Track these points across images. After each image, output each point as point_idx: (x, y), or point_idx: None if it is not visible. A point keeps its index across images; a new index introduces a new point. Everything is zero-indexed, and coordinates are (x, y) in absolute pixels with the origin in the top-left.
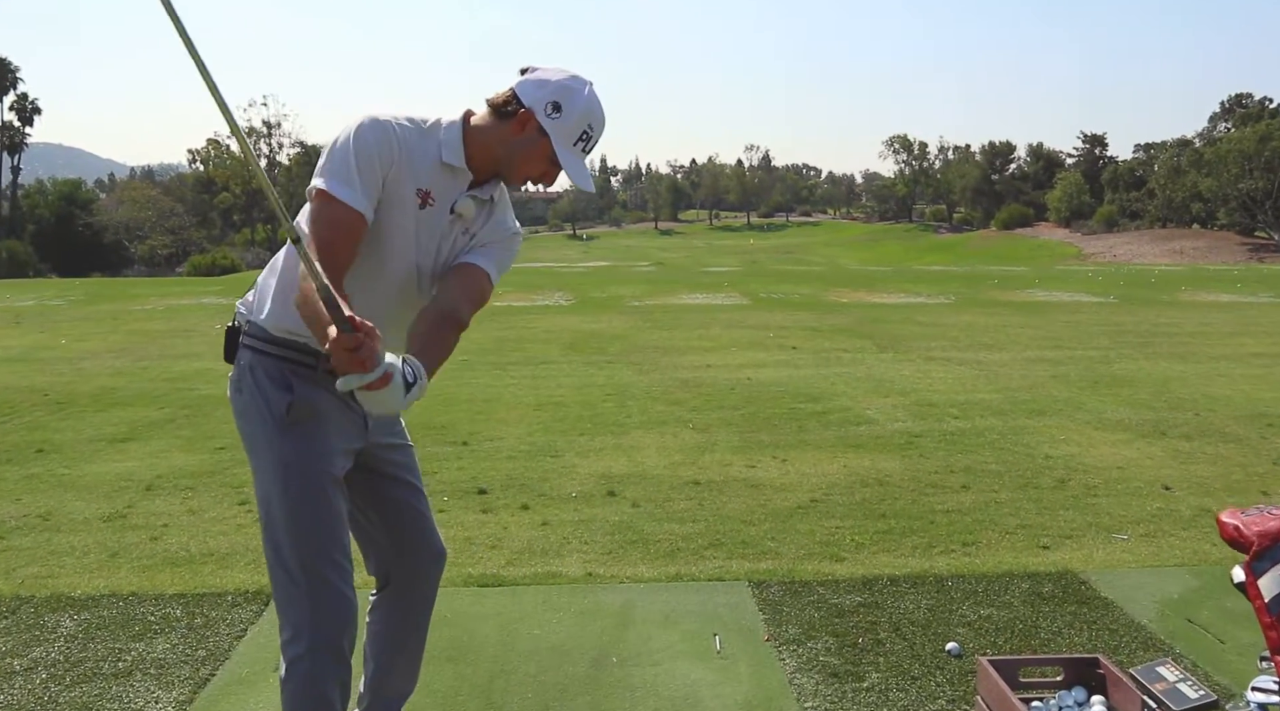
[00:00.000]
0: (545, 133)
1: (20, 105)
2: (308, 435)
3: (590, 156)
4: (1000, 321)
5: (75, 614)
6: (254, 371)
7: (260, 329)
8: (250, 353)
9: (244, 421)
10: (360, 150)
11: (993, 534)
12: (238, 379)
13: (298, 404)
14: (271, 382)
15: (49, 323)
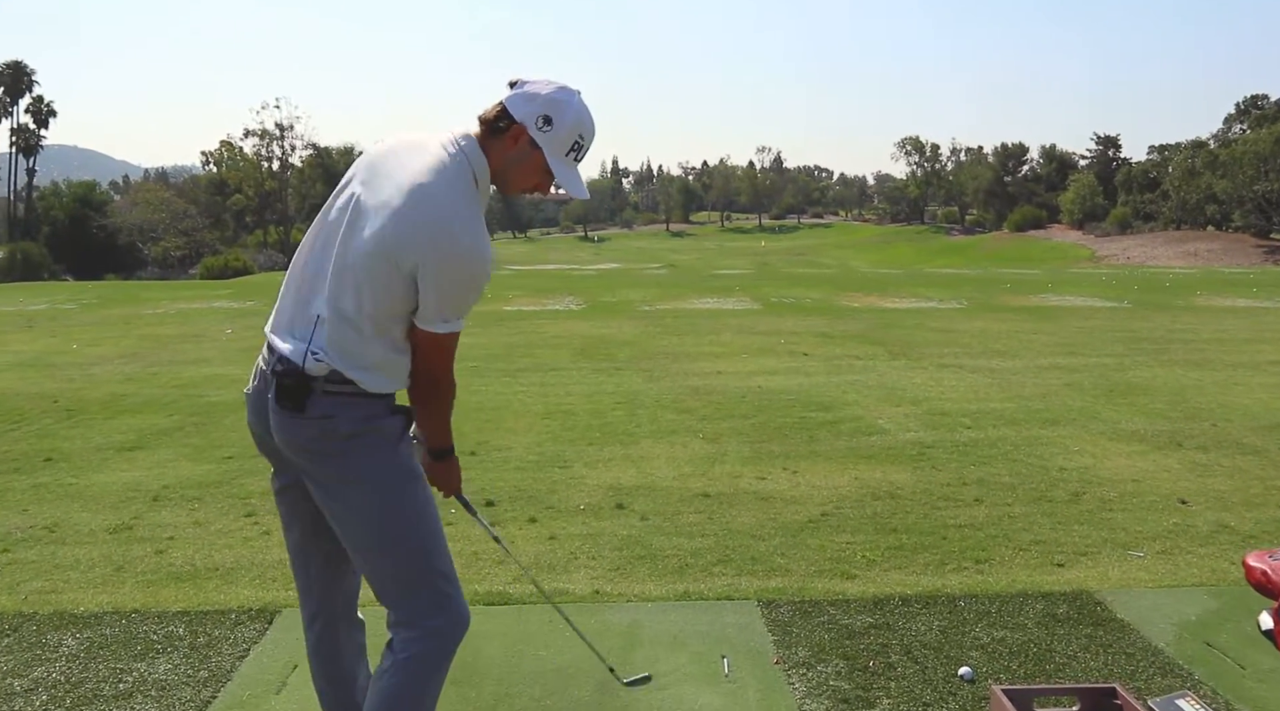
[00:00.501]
0: (538, 146)
1: (36, 107)
2: (413, 461)
3: (586, 163)
4: (1013, 327)
5: (78, 632)
6: (349, 413)
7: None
8: (341, 399)
9: (330, 457)
10: (480, 290)
11: (1006, 550)
12: (315, 424)
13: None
14: (376, 422)
15: (61, 327)
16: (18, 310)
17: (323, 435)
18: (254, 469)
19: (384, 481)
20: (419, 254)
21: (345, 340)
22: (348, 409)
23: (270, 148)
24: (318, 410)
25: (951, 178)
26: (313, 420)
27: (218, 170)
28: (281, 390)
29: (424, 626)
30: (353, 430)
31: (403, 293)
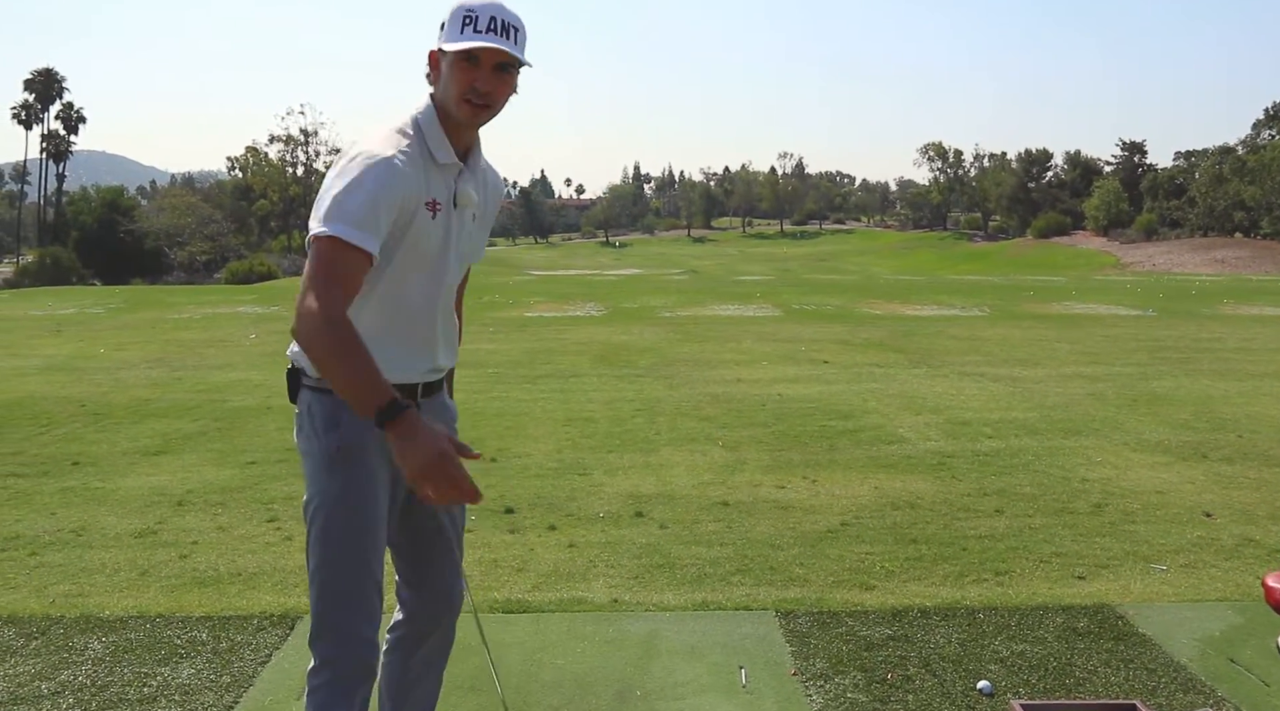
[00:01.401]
0: (442, 50)
1: (66, 114)
2: (354, 474)
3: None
4: (1036, 335)
5: (104, 636)
6: (310, 411)
7: (313, 376)
8: (309, 393)
9: (304, 460)
10: (378, 195)
11: (1026, 562)
12: (298, 420)
13: (345, 444)
14: (324, 422)
15: (89, 331)
16: (47, 314)
17: (298, 430)
18: (276, 474)
19: (310, 478)
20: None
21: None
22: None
23: (295, 153)
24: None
25: (975, 183)
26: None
27: (243, 175)
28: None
29: (318, 658)
30: (297, 422)
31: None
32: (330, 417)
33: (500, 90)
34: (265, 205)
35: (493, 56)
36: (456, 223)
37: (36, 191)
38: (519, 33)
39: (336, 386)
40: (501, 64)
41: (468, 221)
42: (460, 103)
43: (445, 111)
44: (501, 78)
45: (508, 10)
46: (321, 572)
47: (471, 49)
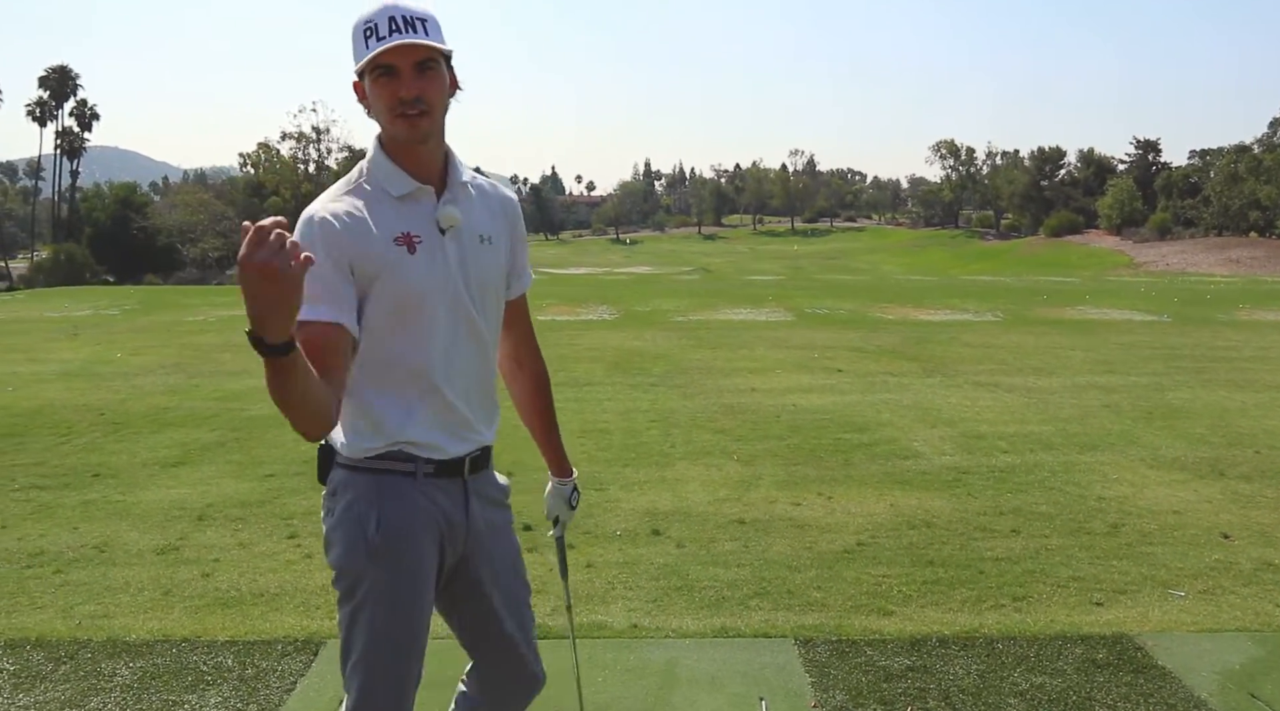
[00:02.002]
0: (361, 74)
1: (80, 111)
2: (398, 567)
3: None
4: (1050, 342)
5: (131, 661)
6: (342, 493)
7: (346, 457)
8: (344, 472)
9: (333, 545)
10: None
11: (1044, 587)
12: (326, 502)
13: (388, 534)
14: (362, 509)
15: (105, 335)
16: (63, 315)
17: (324, 513)
18: (295, 488)
19: (343, 565)
20: None
21: None
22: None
23: (307, 150)
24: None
25: (987, 181)
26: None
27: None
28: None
29: None
30: (325, 503)
31: None
32: (368, 503)
33: (431, 90)
34: (277, 202)
35: (405, 55)
36: (454, 250)
37: (50, 187)
38: (428, 22)
39: (275, 395)
40: (420, 62)
41: (469, 245)
42: (394, 121)
43: (392, 139)
44: (427, 76)
45: (406, 5)
46: (361, 671)
47: (377, 57)
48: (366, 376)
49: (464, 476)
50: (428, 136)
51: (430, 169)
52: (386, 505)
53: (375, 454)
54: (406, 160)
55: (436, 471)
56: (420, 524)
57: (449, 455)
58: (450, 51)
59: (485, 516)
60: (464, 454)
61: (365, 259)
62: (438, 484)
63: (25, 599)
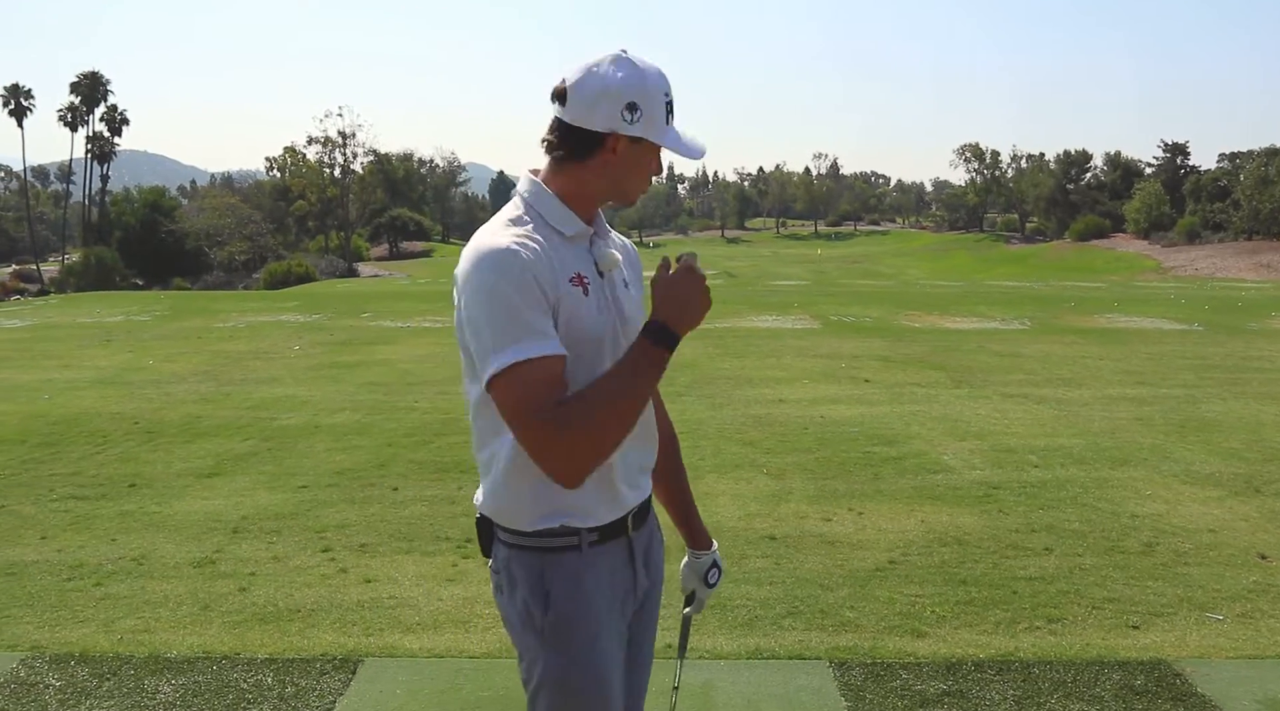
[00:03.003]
0: (639, 138)
1: (110, 116)
2: (575, 650)
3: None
4: (1078, 352)
5: (173, 678)
6: (511, 573)
7: (512, 531)
8: (507, 550)
9: (510, 625)
10: (522, 294)
11: (1079, 608)
12: (496, 579)
13: (559, 617)
14: (529, 590)
15: (137, 341)
16: (95, 321)
17: (497, 592)
18: (327, 500)
19: (521, 647)
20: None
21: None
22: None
23: (333, 154)
24: (495, 560)
25: (1012, 185)
26: (493, 573)
27: (281, 176)
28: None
29: None
30: (494, 580)
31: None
32: (535, 585)
33: None
34: (303, 206)
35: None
36: (609, 292)
37: (81, 191)
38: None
39: (637, 395)
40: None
41: (621, 287)
42: (636, 193)
43: (574, 190)
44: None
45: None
46: None
47: (684, 155)
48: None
49: (628, 534)
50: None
51: (588, 215)
52: (554, 588)
53: (539, 528)
54: (577, 205)
55: (601, 537)
56: (601, 594)
57: (613, 517)
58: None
59: (650, 578)
60: (626, 512)
61: (557, 296)
62: (604, 550)
63: (67, 612)
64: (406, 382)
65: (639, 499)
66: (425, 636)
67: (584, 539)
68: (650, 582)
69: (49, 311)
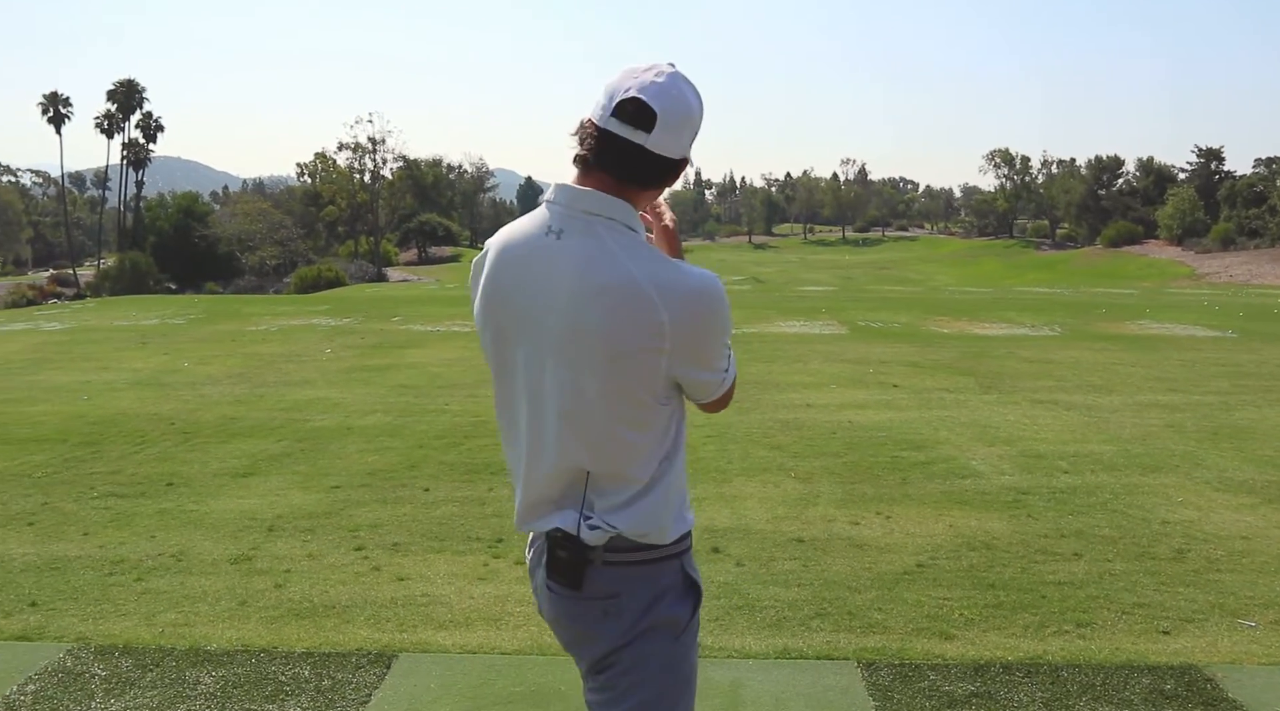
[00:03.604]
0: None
1: (145, 123)
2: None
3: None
4: (1109, 358)
5: (213, 670)
6: (642, 588)
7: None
8: (635, 568)
9: (611, 644)
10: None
11: (1108, 613)
12: (609, 606)
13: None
14: (677, 593)
15: (172, 344)
16: (131, 325)
17: (605, 618)
18: (359, 499)
19: (656, 689)
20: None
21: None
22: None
23: (362, 160)
24: (599, 587)
25: (1042, 191)
26: (594, 601)
27: (312, 182)
28: (555, 563)
29: None
30: (635, 618)
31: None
32: (684, 587)
33: None
34: (333, 211)
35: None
36: None
37: (117, 197)
38: None
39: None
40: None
41: None
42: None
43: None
44: None
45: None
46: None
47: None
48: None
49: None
50: None
51: None
52: (699, 584)
53: (683, 533)
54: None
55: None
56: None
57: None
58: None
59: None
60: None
61: None
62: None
63: (110, 606)
64: (437, 385)
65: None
66: (458, 633)
67: (689, 540)
68: None
69: (86, 315)
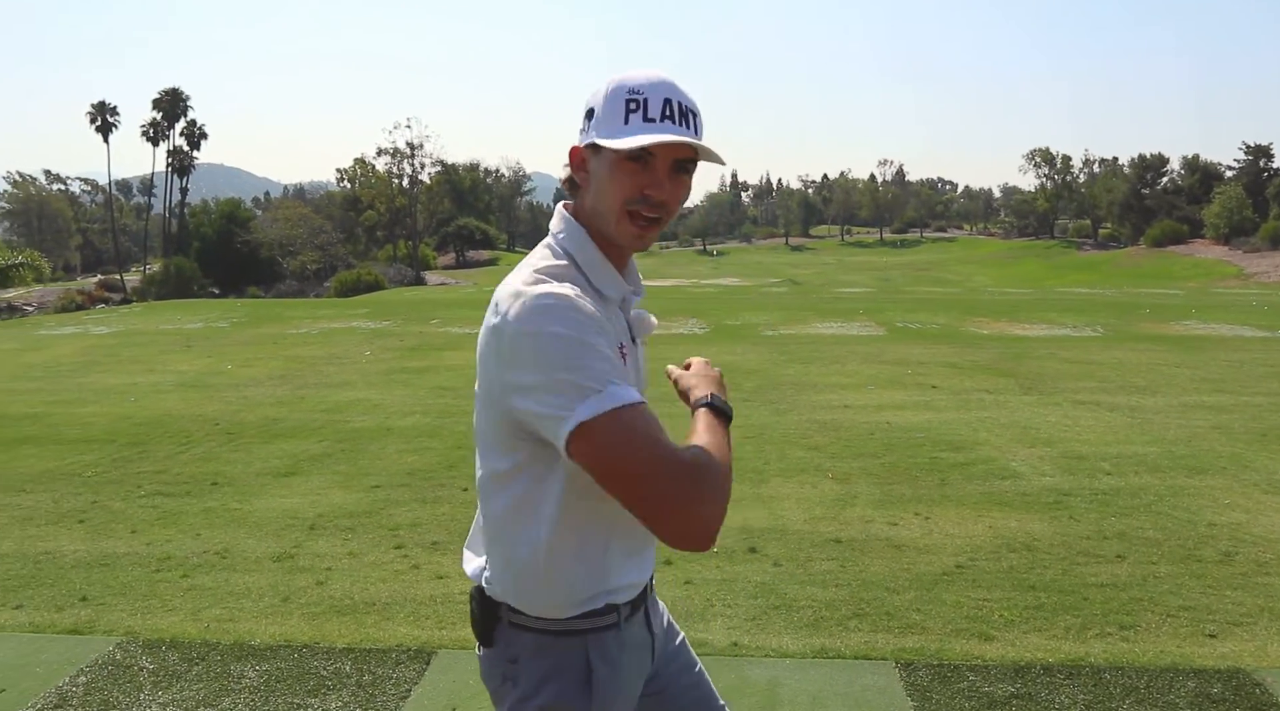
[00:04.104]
0: (598, 146)
1: (189, 131)
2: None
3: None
4: (1153, 359)
5: (257, 664)
6: (537, 661)
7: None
8: (529, 636)
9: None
10: (600, 338)
11: (1152, 616)
12: (510, 671)
13: (601, 699)
14: (570, 677)
15: (216, 347)
16: (176, 328)
17: (504, 682)
18: (399, 499)
19: None
20: (486, 339)
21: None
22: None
23: (401, 165)
24: (503, 648)
25: (1084, 190)
26: (498, 662)
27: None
28: (471, 616)
29: None
30: (527, 693)
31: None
32: (577, 673)
33: (677, 195)
34: (372, 216)
35: (670, 151)
36: (642, 360)
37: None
38: (698, 118)
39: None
40: (682, 161)
41: (643, 352)
42: (622, 216)
43: (597, 230)
44: (679, 180)
45: (683, 91)
46: None
47: (648, 145)
48: (583, 508)
49: (646, 600)
50: (647, 246)
51: (624, 267)
52: (597, 674)
53: (584, 612)
54: (614, 258)
55: (632, 608)
56: (628, 664)
57: (641, 586)
58: (721, 163)
59: (659, 625)
60: (649, 575)
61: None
62: (634, 621)
63: (157, 601)
64: (474, 387)
65: (650, 571)
66: None
67: (621, 614)
68: (665, 638)
69: (133, 319)
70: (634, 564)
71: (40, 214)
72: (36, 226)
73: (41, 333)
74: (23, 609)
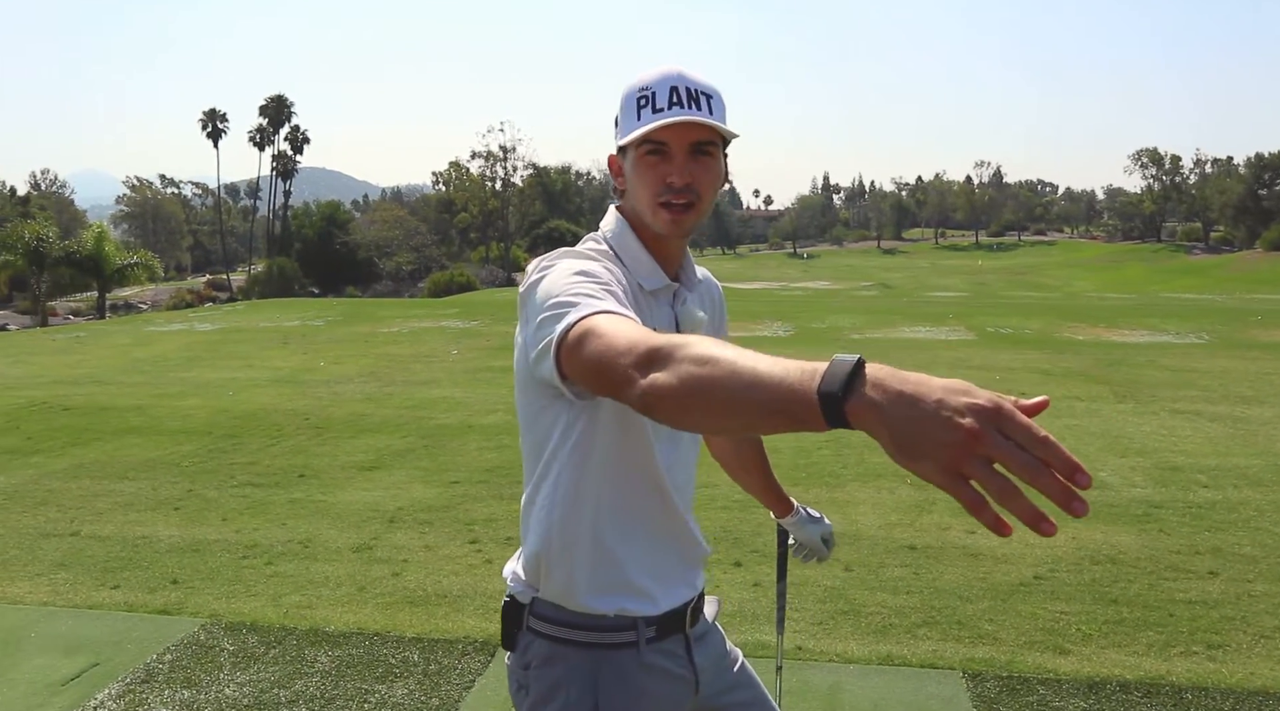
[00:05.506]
0: (623, 149)
1: (293, 136)
2: None
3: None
4: (1262, 368)
5: (330, 650)
6: (545, 669)
7: (552, 606)
8: (542, 642)
9: None
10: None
11: (1244, 636)
12: (523, 679)
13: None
14: (575, 696)
15: (311, 344)
16: (275, 326)
17: (518, 692)
18: (477, 495)
19: None
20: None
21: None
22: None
23: (494, 168)
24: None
25: (1194, 191)
26: (515, 670)
27: (446, 190)
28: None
29: None
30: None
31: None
32: (582, 693)
33: (703, 178)
34: (465, 218)
35: (681, 134)
36: None
37: (266, 206)
38: (713, 99)
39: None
40: (697, 144)
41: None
42: (656, 209)
43: (641, 224)
44: (701, 162)
45: (692, 77)
46: None
47: (651, 132)
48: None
49: (685, 631)
50: (690, 232)
51: (674, 262)
52: (603, 691)
53: (591, 610)
54: (656, 249)
55: (659, 632)
56: (650, 691)
57: (671, 605)
58: (733, 136)
59: (709, 659)
60: (687, 601)
61: None
62: (662, 650)
63: (242, 586)
64: None
65: (698, 587)
66: None
67: (641, 633)
68: (716, 671)
69: (235, 316)
70: (664, 572)
71: (155, 216)
72: (151, 228)
73: (150, 329)
74: (119, 589)
